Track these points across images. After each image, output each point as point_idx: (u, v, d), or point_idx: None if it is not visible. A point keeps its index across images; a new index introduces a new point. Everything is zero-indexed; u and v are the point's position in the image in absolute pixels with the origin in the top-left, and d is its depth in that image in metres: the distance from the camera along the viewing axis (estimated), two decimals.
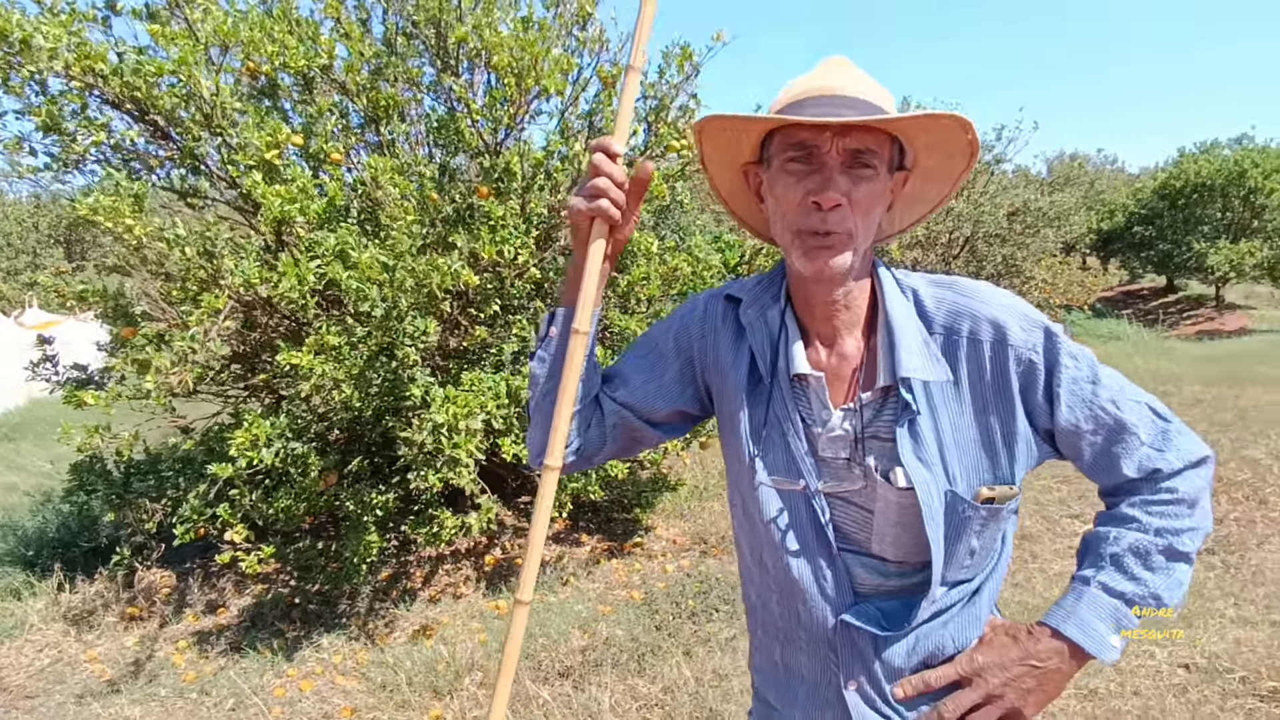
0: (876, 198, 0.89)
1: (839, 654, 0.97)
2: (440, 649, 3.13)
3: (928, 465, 0.90)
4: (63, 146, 2.93)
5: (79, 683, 3.15)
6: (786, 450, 0.97)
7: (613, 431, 1.09)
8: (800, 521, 0.96)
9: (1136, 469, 0.91)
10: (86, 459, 3.71)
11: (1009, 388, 0.91)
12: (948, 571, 0.93)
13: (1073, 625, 0.89)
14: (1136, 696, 2.50)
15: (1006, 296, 0.94)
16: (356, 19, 3.54)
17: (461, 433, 2.62)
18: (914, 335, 0.92)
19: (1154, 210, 17.01)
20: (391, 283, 2.62)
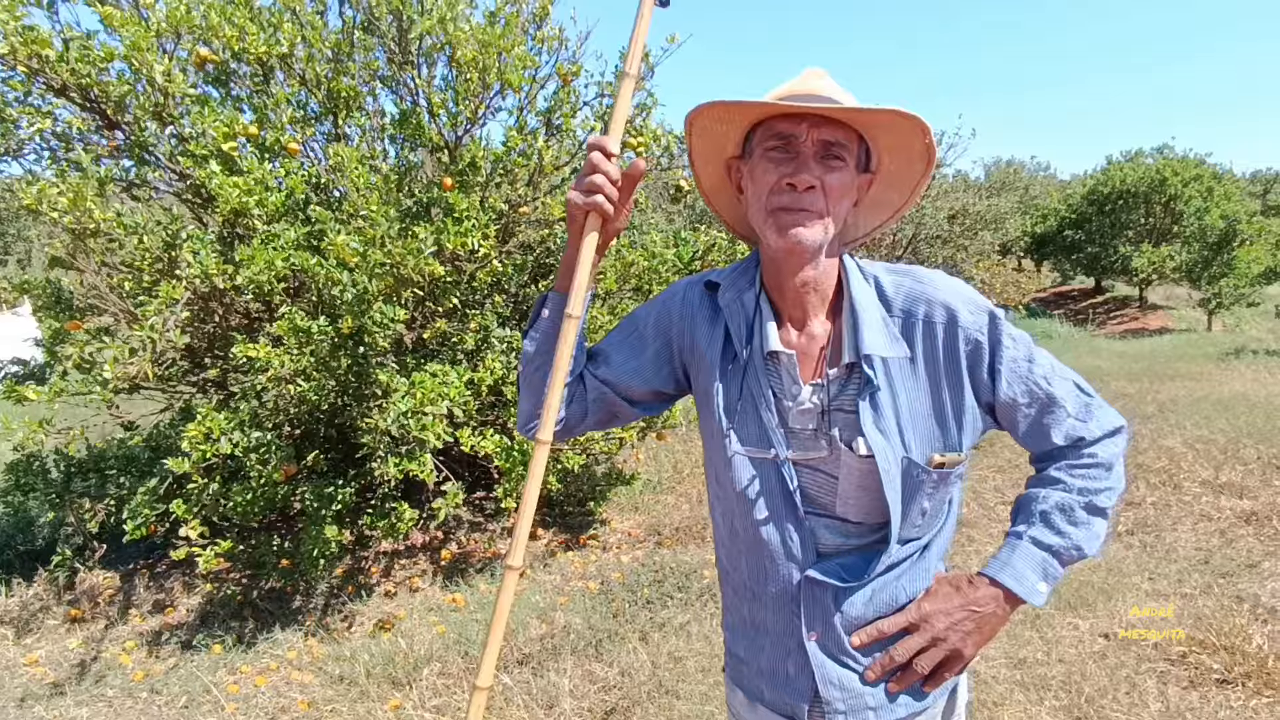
0: (845, 188, 0.99)
1: (802, 607, 1.06)
2: (399, 641, 3.15)
3: (886, 435, 0.99)
4: (3, 133, 2.84)
5: (19, 686, 3.06)
6: (759, 422, 1.05)
7: (594, 406, 1.18)
8: (770, 488, 1.05)
9: (1064, 437, 1.04)
10: (24, 458, 3.60)
11: (958, 365, 1.01)
12: (902, 530, 1.03)
13: (1007, 574, 1.02)
14: (1061, 664, 2.68)
15: (957, 283, 1.05)
16: (314, 9, 3.51)
17: (428, 416, 2.64)
18: (875, 317, 1.01)
19: (1083, 215, 17.84)
20: (364, 267, 2.63)
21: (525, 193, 3.81)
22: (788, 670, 1.09)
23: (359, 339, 2.82)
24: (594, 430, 1.23)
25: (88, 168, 2.56)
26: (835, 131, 0.97)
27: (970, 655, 1.04)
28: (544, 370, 1.10)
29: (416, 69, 3.37)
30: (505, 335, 3.63)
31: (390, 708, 2.72)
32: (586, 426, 1.20)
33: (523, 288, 4.27)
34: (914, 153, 1.02)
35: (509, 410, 3.92)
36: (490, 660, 1.05)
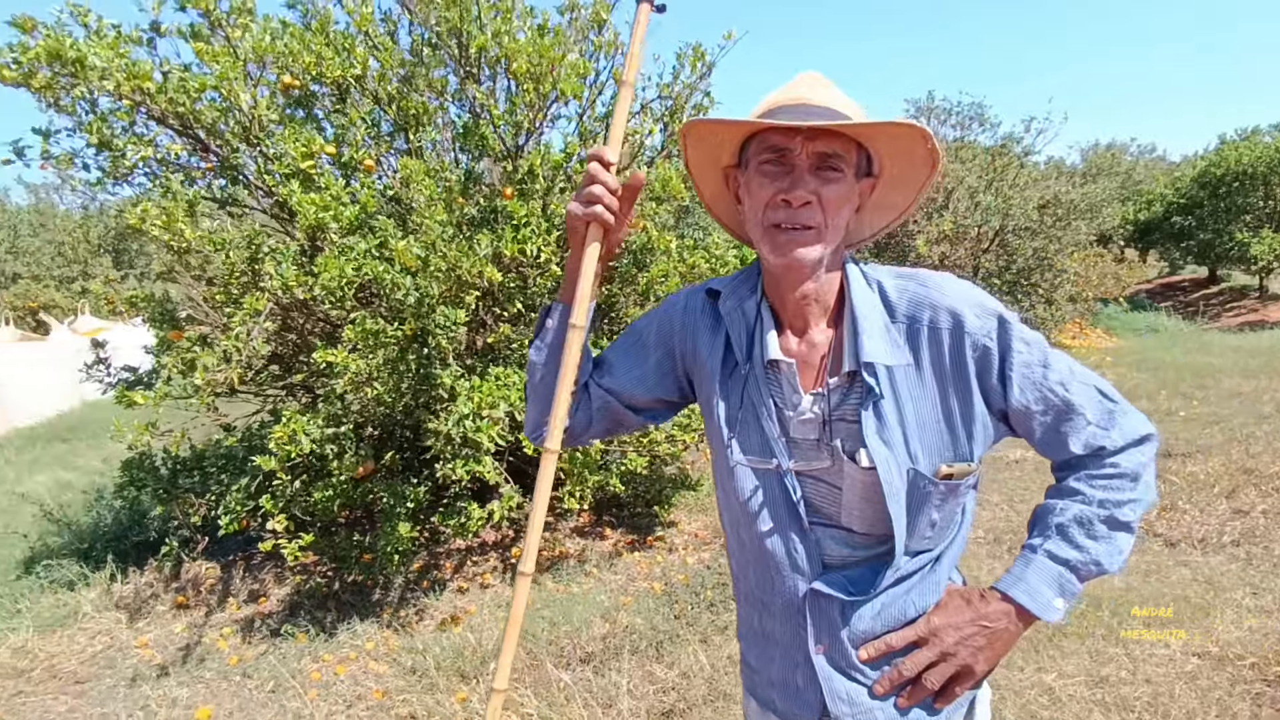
0: (843, 199, 0.96)
1: (808, 620, 1.04)
2: (468, 636, 3.26)
3: (890, 445, 0.97)
4: (113, 161, 3.12)
5: (129, 667, 3.34)
6: (760, 432, 1.04)
7: (598, 414, 1.19)
8: (774, 498, 1.04)
9: (1083, 446, 0.99)
10: (137, 456, 3.92)
11: (966, 371, 0.98)
12: (910, 542, 1.01)
13: (1020, 590, 0.97)
14: (1147, 684, 2.52)
15: (965, 286, 1.01)
16: (385, 31, 3.69)
17: (484, 419, 2.74)
18: (877, 323, 0.99)
19: (1194, 199, 16.57)
20: (425, 271, 2.75)
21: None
22: (797, 682, 1.07)
23: (424, 341, 2.94)
24: (599, 438, 1.25)
25: (176, 190, 2.77)
26: (831, 142, 0.94)
27: (982, 672, 1.00)
28: (550, 379, 1.12)
29: (478, 82, 3.49)
30: None
31: (457, 700, 2.82)
32: (592, 435, 1.21)
33: None
34: (916, 157, 1.00)
35: None
36: (506, 663, 1.07)
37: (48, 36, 2.63)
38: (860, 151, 0.99)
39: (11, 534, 4.71)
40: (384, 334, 2.80)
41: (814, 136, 0.94)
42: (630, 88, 1.09)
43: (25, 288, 16.02)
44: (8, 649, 3.46)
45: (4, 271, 16.94)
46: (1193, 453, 5.26)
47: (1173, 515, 4.07)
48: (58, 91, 2.88)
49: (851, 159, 0.97)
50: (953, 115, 12.08)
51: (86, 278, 17.42)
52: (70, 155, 3.24)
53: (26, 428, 7.87)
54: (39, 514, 4.80)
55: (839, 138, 0.95)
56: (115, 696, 3.08)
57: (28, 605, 3.85)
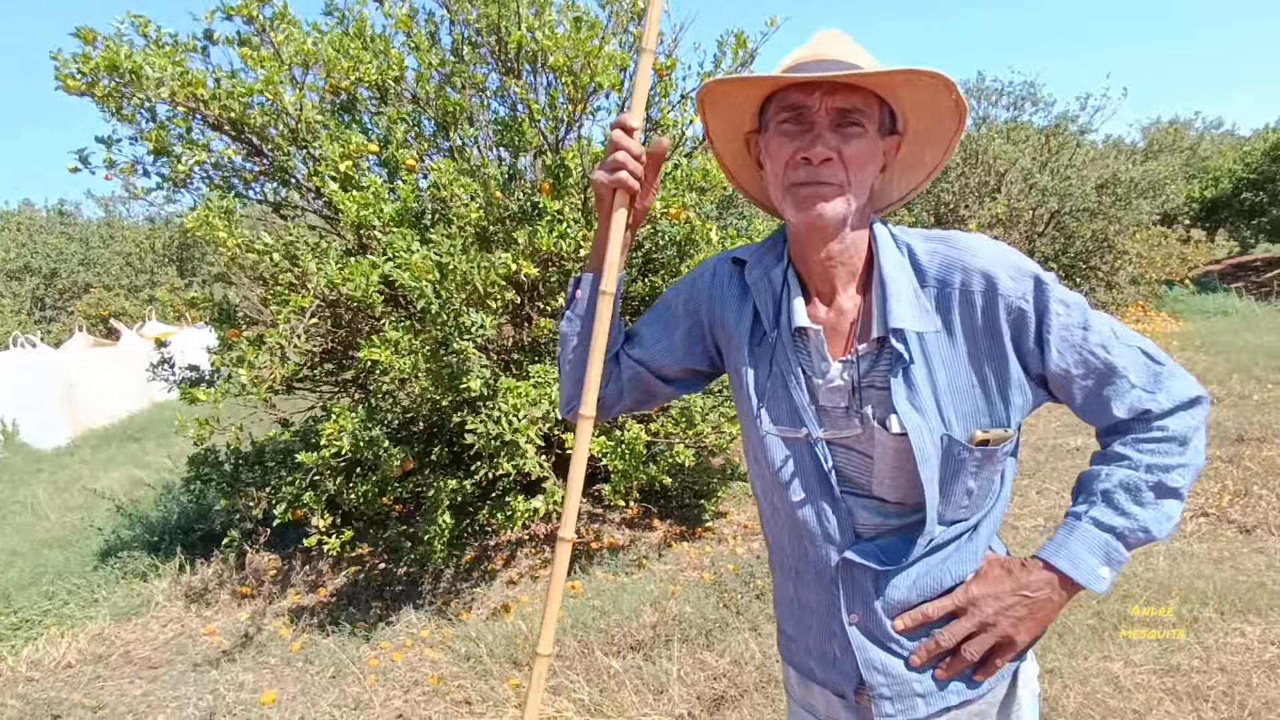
0: (866, 155, 0.94)
1: (841, 589, 1.03)
2: (519, 624, 3.30)
3: (921, 411, 0.94)
4: (170, 167, 3.24)
5: (198, 653, 3.48)
6: (789, 400, 1.02)
7: (629, 385, 1.19)
8: (804, 467, 1.02)
9: (1127, 410, 0.95)
10: (202, 452, 4.08)
11: (1000, 335, 0.94)
12: (945, 511, 0.98)
13: (1063, 557, 0.94)
14: (1222, 673, 2.40)
15: (999, 248, 0.97)
16: (425, 32, 3.75)
17: (522, 420, 2.76)
18: (906, 288, 0.96)
19: (1265, 174, 15.68)
20: (444, 280, 2.79)
21: None
22: (834, 651, 1.06)
23: (448, 347, 2.99)
24: (631, 410, 1.25)
25: (211, 201, 2.86)
26: (851, 97, 0.92)
27: (1024, 643, 0.97)
28: (581, 351, 1.13)
29: (518, 77, 3.52)
30: None
31: (510, 686, 2.86)
32: (623, 406, 1.22)
33: (629, 284, 4.34)
34: (941, 110, 0.96)
35: None
36: (549, 629, 1.09)
37: (108, 47, 2.75)
38: (883, 107, 0.96)
39: (89, 528, 4.95)
40: (405, 341, 2.86)
41: (832, 91, 0.92)
42: (650, 54, 1.10)
43: (97, 297, 16.82)
44: (87, 636, 3.64)
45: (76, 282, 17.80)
46: (1269, 437, 5.00)
47: (1248, 501, 3.88)
48: (119, 100, 3.01)
49: (874, 114, 0.95)
50: (1004, 95, 11.71)
51: (153, 286, 18.19)
52: (132, 163, 3.38)
53: (100, 429, 8.27)
54: (113, 509, 5.03)
55: (859, 92, 0.93)
56: (186, 681, 3.21)
57: (104, 595, 4.05)
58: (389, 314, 3.11)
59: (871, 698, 1.02)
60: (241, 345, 3.59)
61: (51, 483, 6.33)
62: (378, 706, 2.87)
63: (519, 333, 3.69)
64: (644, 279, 4.31)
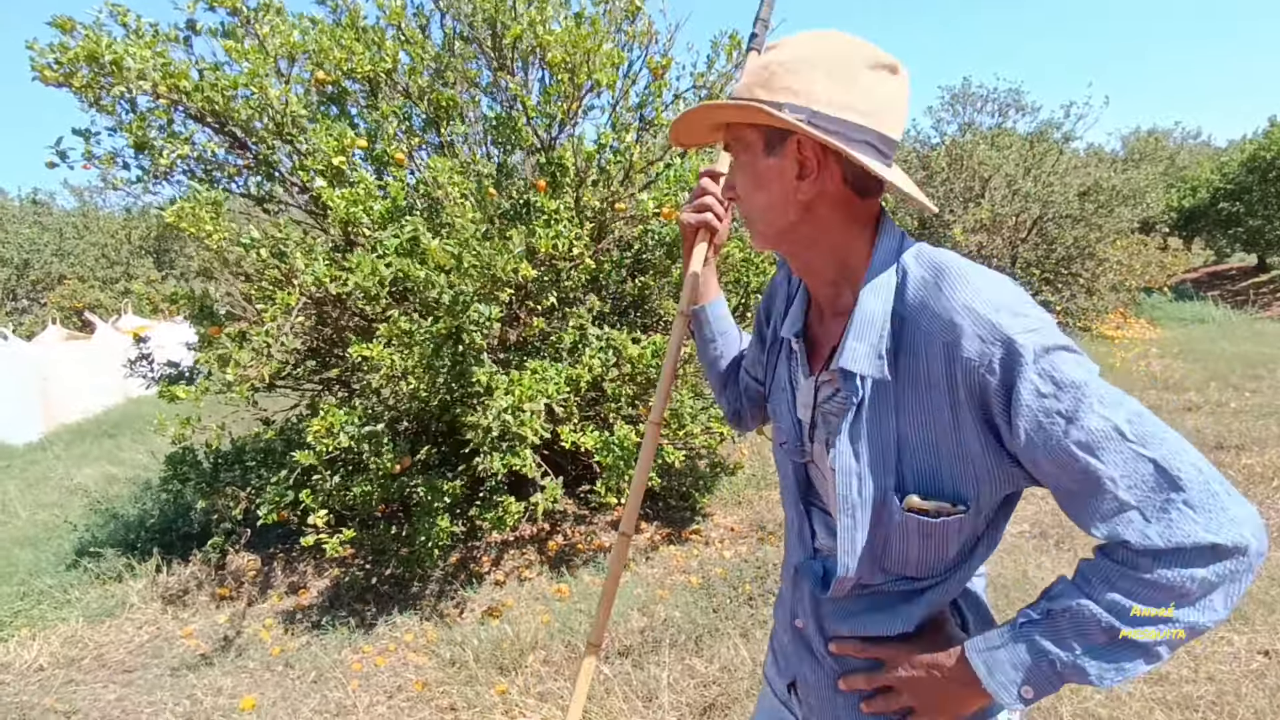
0: (746, 184, 0.94)
1: (795, 594, 1.07)
2: (506, 629, 3.26)
3: (858, 457, 0.88)
4: (152, 160, 3.16)
5: (175, 656, 3.40)
6: (780, 404, 1.08)
7: (746, 397, 1.31)
8: (787, 470, 1.07)
9: (1105, 534, 0.76)
10: (180, 450, 3.99)
11: (957, 401, 0.81)
12: (882, 562, 0.93)
13: (982, 660, 0.84)
14: (1210, 682, 2.42)
15: (988, 296, 0.80)
16: (416, 25, 3.69)
17: (526, 413, 2.73)
18: (873, 325, 0.87)
19: (1242, 185, 15.98)
20: (459, 269, 2.75)
21: (620, 190, 3.84)
22: (786, 643, 1.11)
23: (458, 338, 2.94)
24: (759, 425, 1.34)
25: (197, 191, 2.80)
26: (728, 131, 0.96)
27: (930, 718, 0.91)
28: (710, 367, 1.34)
29: (512, 74, 3.47)
30: (602, 334, 3.67)
31: (497, 692, 2.82)
32: (752, 421, 1.33)
33: (619, 284, 4.31)
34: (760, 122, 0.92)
35: (609, 406, 3.97)
36: (603, 621, 1.18)
37: (86, 37, 2.67)
38: (759, 128, 0.91)
39: (62, 525, 4.83)
40: (417, 332, 2.80)
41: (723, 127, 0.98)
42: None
43: (71, 289, 16.47)
44: (59, 638, 3.54)
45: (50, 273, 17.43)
46: (1247, 444, 5.07)
47: None
48: (98, 91, 2.92)
49: (750, 138, 0.92)
50: (989, 101, 11.81)
51: (129, 278, 17.85)
52: (111, 155, 3.29)
53: (74, 424, 8.09)
54: (86, 507, 4.92)
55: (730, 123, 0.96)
56: (162, 685, 3.13)
57: (77, 596, 3.94)
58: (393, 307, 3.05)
59: (800, 699, 1.08)
60: (224, 342, 3.52)
61: (22, 479, 6.17)
62: (361, 713, 2.81)
63: (507, 331, 3.64)
64: (633, 279, 4.29)
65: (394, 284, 2.95)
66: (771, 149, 0.90)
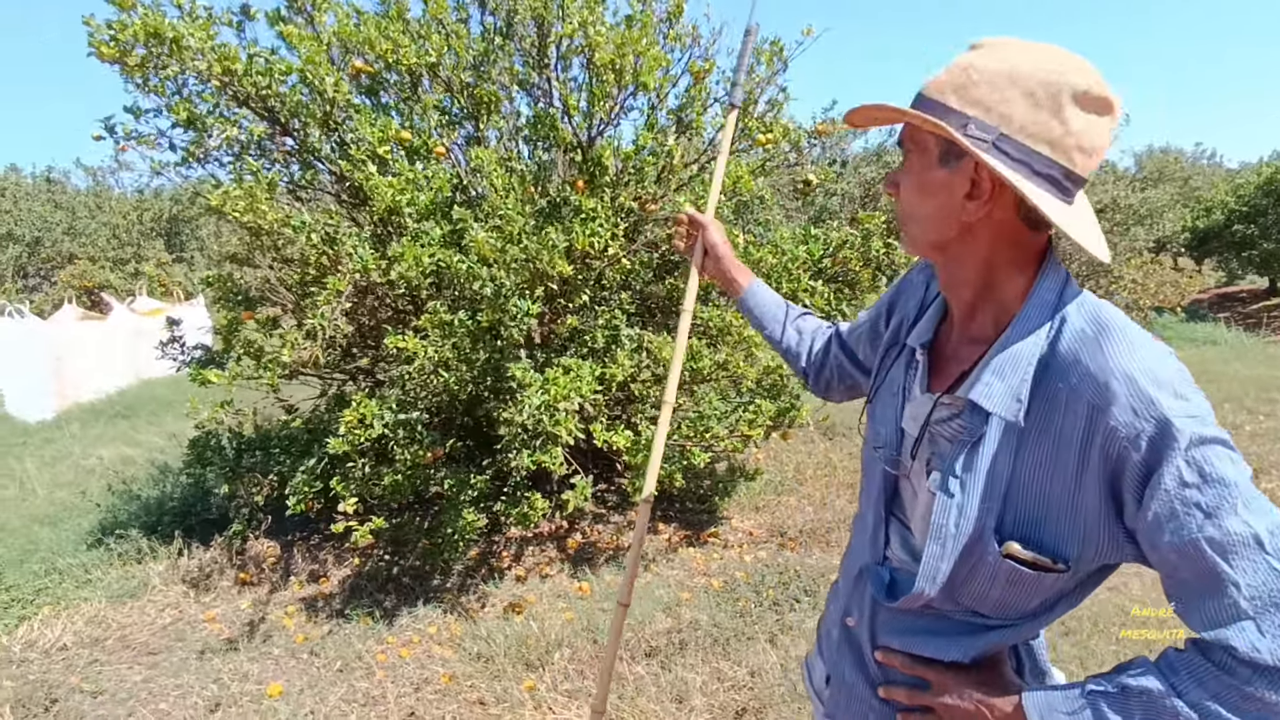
0: (910, 188, 0.91)
1: (854, 592, 1.08)
2: (530, 625, 3.26)
3: (965, 488, 0.86)
4: (195, 142, 3.16)
5: (199, 640, 3.40)
6: (886, 409, 1.06)
7: (834, 373, 1.33)
8: (875, 473, 1.06)
9: (1212, 633, 0.73)
10: (204, 435, 4.00)
11: (1089, 463, 0.78)
12: (948, 592, 0.91)
13: (1039, 714, 0.83)
14: None
15: (1150, 367, 0.76)
16: (457, 19, 3.69)
17: (561, 412, 2.73)
18: (1018, 365, 0.84)
19: (1257, 207, 15.98)
20: (502, 262, 2.76)
21: (654, 190, 3.84)
22: (834, 635, 1.13)
23: (496, 332, 2.94)
24: (842, 399, 1.37)
25: (259, 173, 2.81)
26: (907, 129, 0.91)
27: None
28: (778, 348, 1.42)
29: (553, 71, 3.47)
30: (633, 334, 3.67)
31: (525, 688, 2.82)
32: (834, 394, 1.36)
33: (647, 285, 4.31)
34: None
35: (636, 407, 3.98)
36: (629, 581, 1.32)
37: (146, 14, 2.67)
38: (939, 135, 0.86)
39: (85, 504, 4.84)
40: (457, 324, 2.81)
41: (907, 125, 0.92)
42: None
43: (82, 268, 16.49)
44: (83, 618, 3.55)
45: (60, 251, 17.45)
46: (1265, 468, 5.08)
47: None
48: (148, 71, 2.93)
49: (926, 144, 0.88)
50: None
51: (139, 259, 17.88)
52: (154, 135, 3.30)
53: (87, 404, 8.10)
54: (105, 488, 4.93)
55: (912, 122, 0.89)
56: (188, 668, 3.14)
57: (98, 576, 3.95)
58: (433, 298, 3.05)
59: (833, 695, 1.11)
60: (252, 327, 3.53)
61: (39, 457, 6.18)
62: (390, 702, 2.82)
63: (542, 328, 3.64)
64: (660, 281, 4.29)
65: (435, 275, 2.96)
66: (946, 161, 0.86)
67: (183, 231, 19.20)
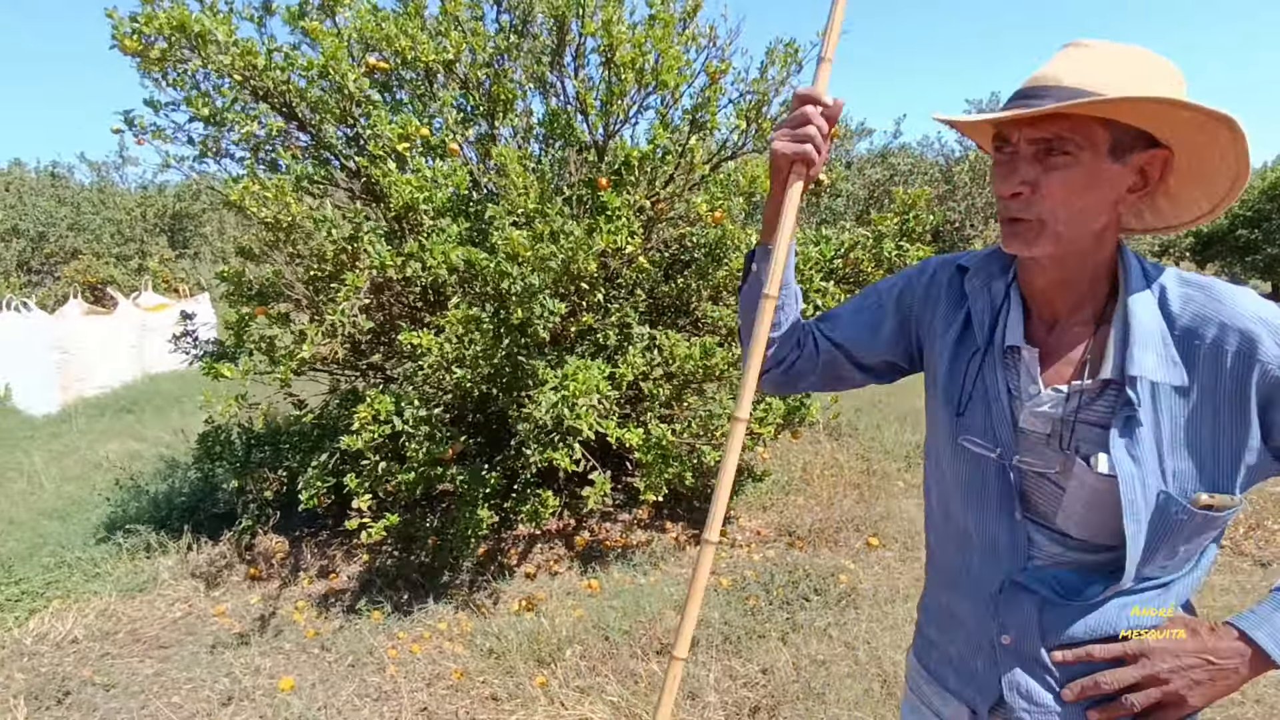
0: (1075, 183, 0.87)
1: (1000, 610, 1.01)
2: (541, 622, 3.26)
3: (1138, 461, 0.90)
4: (214, 137, 3.17)
5: (209, 634, 3.41)
6: (987, 416, 1.01)
7: (824, 365, 1.22)
8: (989, 484, 1.01)
9: None
10: (213, 430, 4.00)
11: (1247, 401, 0.87)
12: (1144, 568, 0.94)
13: (1264, 632, 0.88)
14: (1259, 704, 2.43)
15: (1266, 307, 0.89)
16: (472, 16, 3.70)
17: (580, 407, 2.74)
18: (1153, 334, 0.90)
19: (1261, 213, 16.01)
20: (532, 261, 2.76)
21: (668, 190, 3.85)
22: (976, 665, 1.05)
23: (522, 330, 2.95)
24: (816, 389, 1.27)
25: (289, 166, 2.81)
26: (1054, 125, 0.86)
27: (1195, 707, 0.92)
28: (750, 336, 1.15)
29: (569, 69, 3.48)
30: (644, 333, 3.68)
31: (538, 684, 2.83)
32: (810, 384, 1.24)
33: (657, 284, 4.32)
34: (1207, 145, 0.87)
35: (646, 405, 3.98)
36: (688, 631, 1.10)
37: (173, 7, 2.68)
38: (1112, 127, 0.86)
39: (94, 498, 4.85)
40: (485, 321, 2.82)
41: (1031, 122, 0.87)
42: (829, 63, 1.09)
43: (85, 263, 16.49)
44: (93, 611, 3.55)
45: (64, 246, 17.44)
46: None
47: (1261, 534, 3.93)
48: (168, 65, 2.93)
49: (1093, 138, 0.86)
50: None
51: (143, 255, 17.87)
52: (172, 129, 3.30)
53: (92, 398, 8.10)
54: (113, 482, 4.93)
55: (1065, 117, 0.85)
56: (199, 662, 3.14)
57: (108, 570, 3.95)
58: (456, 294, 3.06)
59: (1007, 718, 1.01)
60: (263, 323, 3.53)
61: (47, 451, 6.18)
62: (403, 697, 2.82)
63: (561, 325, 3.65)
64: (670, 281, 4.29)
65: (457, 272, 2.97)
66: (1117, 154, 0.87)
67: (187, 227, 19.20)
